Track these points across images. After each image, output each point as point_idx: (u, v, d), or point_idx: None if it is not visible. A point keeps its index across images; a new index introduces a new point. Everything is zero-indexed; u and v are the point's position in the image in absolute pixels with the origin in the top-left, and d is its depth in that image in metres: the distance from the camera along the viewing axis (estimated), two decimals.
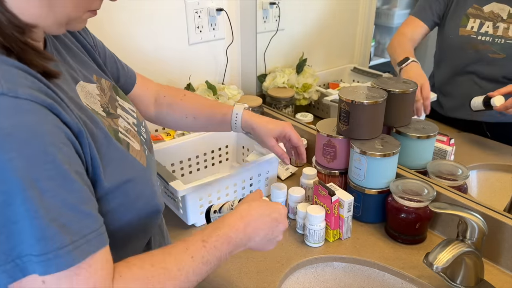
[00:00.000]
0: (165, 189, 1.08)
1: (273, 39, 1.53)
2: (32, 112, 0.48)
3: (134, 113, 0.75)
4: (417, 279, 0.88)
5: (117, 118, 0.67)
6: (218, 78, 1.51)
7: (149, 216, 0.69)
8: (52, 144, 0.49)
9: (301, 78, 1.52)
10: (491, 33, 1.13)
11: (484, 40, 1.14)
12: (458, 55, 1.24)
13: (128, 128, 0.68)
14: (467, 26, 1.17)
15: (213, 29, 1.42)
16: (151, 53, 1.32)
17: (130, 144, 0.65)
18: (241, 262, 0.93)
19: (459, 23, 1.20)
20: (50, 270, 0.47)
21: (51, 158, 0.48)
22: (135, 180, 0.63)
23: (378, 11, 1.57)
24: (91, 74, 0.69)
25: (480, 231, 0.81)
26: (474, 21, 1.16)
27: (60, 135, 0.50)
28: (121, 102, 0.73)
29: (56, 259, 0.47)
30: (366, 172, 1.00)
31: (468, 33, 1.17)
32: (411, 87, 1.06)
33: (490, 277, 0.87)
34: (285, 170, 1.26)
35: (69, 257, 0.48)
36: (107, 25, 1.20)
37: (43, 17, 0.54)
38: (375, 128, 1.04)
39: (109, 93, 0.71)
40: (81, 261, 0.49)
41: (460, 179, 1.02)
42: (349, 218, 0.98)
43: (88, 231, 0.51)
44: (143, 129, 0.75)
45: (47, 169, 0.48)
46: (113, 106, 0.69)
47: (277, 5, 1.50)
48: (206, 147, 1.24)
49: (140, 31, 1.27)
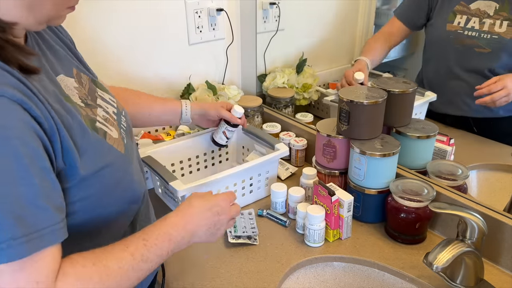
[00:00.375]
0: (165, 189, 1.09)
1: (273, 39, 1.53)
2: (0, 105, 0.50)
3: (114, 103, 0.78)
4: (417, 279, 0.88)
5: (96, 108, 0.69)
6: (218, 78, 1.51)
7: (128, 202, 0.71)
8: (15, 138, 0.50)
9: (301, 78, 1.52)
10: (477, 28, 1.16)
11: (471, 35, 1.17)
12: (445, 50, 1.27)
13: (107, 118, 0.71)
14: (454, 21, 1.21)
15: (213, 29, 1.42)
16: (151, 53, 1.32)
17: (107, 133, 0.67)
18: (241, 262, 0.93)
19: (447, 18, 1.23)
20: (1, 260, 0.49)
21: (11, 151, 0.50)
22: (112, 166, 0.65)
23: (378, 11, 1.57)
24: (71, 69, 0.71)
25: (480, 231, 0.81)
26: (461, 17, 1.19)
27: (26, 130, 0.52)
28: (100, 93, 0.75)
29: (8, 250, 0.49)
30: (366, 172, 1.00)
31: (455, 28, 1.20)
32: (411, 87, 1.06)
33: (490, 277, 0.87)
34: (285, 170, 1.26)
35: (21, 248, 0.50)
36: (107, 25, 1.20)
37: (24, 17, 0.56)
38: (375, 128, 1.04)
39: (88, 85, 0.73)
40: (30, 254, 0.50)
41: (460, 179, 1.02)
42: (349, 218, 0.98)
43: (42, 226, 0.52)
44: (123, 118, 0.78)
45: (5, 162, 0.49)
46: (92, 98, 0.71)
47: (277, 5, 1.51)
48: (206, 147, 1.24)
49: (140, 31, 1.27)
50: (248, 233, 0.99)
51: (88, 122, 0.64)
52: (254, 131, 1.22)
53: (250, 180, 1.10)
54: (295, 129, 1.36)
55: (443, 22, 1.24)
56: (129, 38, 1.26)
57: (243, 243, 0.98)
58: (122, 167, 0.69)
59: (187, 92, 1.38)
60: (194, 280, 0.89)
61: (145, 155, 1.08)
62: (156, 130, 1.39)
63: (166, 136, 1.32)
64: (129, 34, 1.26)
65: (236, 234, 0.99)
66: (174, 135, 1.33)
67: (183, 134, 1.30)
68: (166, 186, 0.99)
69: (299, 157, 1.30)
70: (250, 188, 1.11)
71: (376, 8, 1.58)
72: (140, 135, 1.31)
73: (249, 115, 1.42)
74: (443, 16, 1.24)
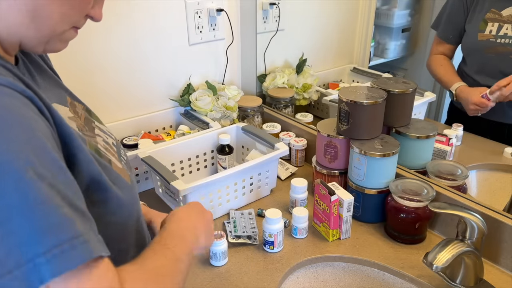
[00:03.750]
0: (166, 189, 1.09)
1: (273, 39, 1.53)
2: (13, 97, 0.44)
3: (112, 135, 0.72)
4: (416, 278, 0.88)
5: (95, 138, 0.63)
6: (218, 78, 1.51)
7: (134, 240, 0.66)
8: (38, 130, 0.44)
9: (301, 78, 1.52)
10: (510, 35, 1.14)
11: (504, 43, 1.15)
12: (480, 59, 1.25)
13: (107, 148, 0.65)
14: (486, 30, 1.18)
15: (213, 29, 1.42)
16: (151, 53, 1.32)
17: (112, 161, 0.62)
18: (241, 262, 0.93)
19: (478, 28, 1.20)
20: (64, 267, 0.40)
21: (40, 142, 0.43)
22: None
23: (378, 12, 1.57)
24: (65, 97, 0.65)
25: (479, 231, 0.81)
26: (492, 25, 1.17)
27: (43, 125, 0.46)
28: (97, 123, 0.70)
29: (71, 251, 0.41)
30: (365, 172, 1.01)
31: (487, 37, 1.18)
32: (410, 87, 1.06)
33: (490, 276, 0.87)
34: (285, 170, 1.27)
35: (86, 248, 0.42)
36: (107, 25, 1.20)
37: (25, 26, 0.49)
38: (375, 128, 1.04)
39: (83, 115, 0.67)
40: (96, 255, 0.43)
41: (460, 179, 1.02)
42: (348, 218, 0.98)
43: (90, 226, 0.46)
44: (122, 151, 0.73)
45: (38, 154, 0.42)
46: (90, 128, 0.65)
47: (277, 5, 1.51)
48: (206, 147, 1.24)
49: (141, 32, 1.28)
50: (248, 233, 0.99)
51: (93, 147, 0.59)
52: (254, 131, 1.22)
53: (250, 180, 1.10)
54: (295, 129, 1.36)
55: (474, 32, 1.21)
56: (129, 38, 1.26)
57: (243, 243, 0.98)
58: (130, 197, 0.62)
59: (187, 92, 1.39)
60: (194, 280, 0.89)
61: (145, 155, 1.08)
62: (156, 130, 1.39)
63: (166, 136, 1.32)
64: (129, 34, 1.26)
65: (236, 234, 0.99)
66: (174, 135, 1.33)
67: (183, 134, 1.30)
68: (167, 186, 0.99)
69: (299, 157, 1.30)
70: (250, 187, 1.12)
71: (376, 8, 1.58)
72: (140, 135, 1.31)
73: (249, 115, 1.42)
74: (475, 26, 1.21)
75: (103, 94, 1.27)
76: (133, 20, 1.25)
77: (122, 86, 1.30)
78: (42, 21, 0.49)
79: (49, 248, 0.40)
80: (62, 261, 0.40)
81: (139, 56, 1.30)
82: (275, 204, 1.13)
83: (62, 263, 0.40)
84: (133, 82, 1.31)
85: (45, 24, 0.50)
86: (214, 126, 1.28)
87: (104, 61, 1.24)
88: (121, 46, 1.25)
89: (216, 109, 1.35)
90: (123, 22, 1.24)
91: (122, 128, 1.30)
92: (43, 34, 0.51)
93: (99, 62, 1.23)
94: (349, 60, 1.70)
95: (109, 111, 1.29)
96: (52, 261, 0.40)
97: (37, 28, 0.50)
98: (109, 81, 1.27)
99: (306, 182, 1.06)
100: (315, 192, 1.00)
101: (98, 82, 1.25)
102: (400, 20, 1.53)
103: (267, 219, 0.94)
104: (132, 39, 1.27)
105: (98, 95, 1.26)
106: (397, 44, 1.56)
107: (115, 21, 1.22)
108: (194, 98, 1.35)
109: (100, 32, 1.20)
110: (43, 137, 0.44)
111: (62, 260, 0.40)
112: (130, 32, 1.26)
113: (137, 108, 1.35)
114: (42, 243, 0.40)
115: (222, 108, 1.35)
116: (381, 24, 1.57)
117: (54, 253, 0.40)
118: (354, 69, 1.65)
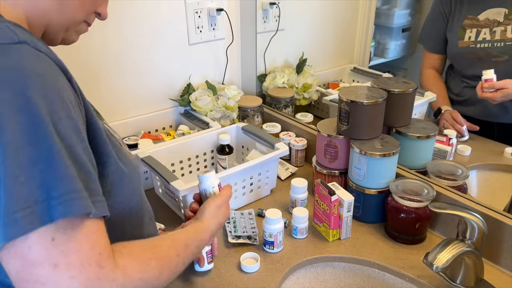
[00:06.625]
0: (166, 189, 1.08)
1: (273, 39, 1.53)
2: (51, 66, 0.51)
3: (117, 134, 0.75)
4: (417, 279, 0.88)
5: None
6: (218, 78, 1.51)
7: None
8: (68, 98, 0.51)
9: (301, 78, 1.52)
10: (489, 39, 1.15)
11: (484, 47, 1.16)
12: (464, 64, 1.26)
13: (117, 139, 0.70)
14: (465, 37, 1.20)
15: (213, 29, 1.42)
16: (151, 53, 1.32)
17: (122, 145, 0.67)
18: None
19: (457, 36, 1.22)
20: (71, 210, 0.47)
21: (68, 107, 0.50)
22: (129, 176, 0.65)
23: (378, 11, 1.57)
24: None
25: (480, 231, 0.81)
26: (470, 31, 1.18)
27: (72, 95, 0.52)
28: (105, 121, 0.73)
29: (79, 200, 0.47)
30: (366, 172, 1.00)
31: (467, 43, 1.19)
32: (411, 87, 1.06)
33: (490, 277, 0.87)
34: (285, 170, 1.27)
35: (87, 203, 0.48)
36: (107, 25, 1.20)
37: (54, 10, 0.56)
38: (375, 128, 1.04)
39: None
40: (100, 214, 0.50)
41: (460, 179, 1.02)
42: (348, 218, 0.98)
43: (98, 192, 0.52)
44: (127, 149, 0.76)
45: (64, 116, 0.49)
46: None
47: (277, 5, 1.51)
48: (206, 147, 1.24)
49: (140, 31, 1.27)
50: (248, 233, 0.99)
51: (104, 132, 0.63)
52: (254, 131, 1.22)
53: (250, 180, 1.10)
54: (295, 129, 1.36)
55: (455, 40, 1.23)
56: (129, 38, 1.26)
57: (243, 243, 0.98)
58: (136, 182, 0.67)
59: (187, 92, 1.38)
60: (194, 280, 0.89)
61: (145, 155, 1.08)
62: (156, 130, 1.39)
63: (166, 136, 1.32)
64: (129, 34, 1.26)
65: (236, 234, 0.99)
66: (174, 135, 1.33)
67: (183, 134, 1.30)
68: (167, 186, 0.99)
69: (299, 157, 1.30)
70: (250, 187, 1.11)
71: (376, 8, 1.58)
72: (140, 135, 1.31)
73: (249, 115, 1.42)
74: (454, 34, 1.23)
75: (103, 94, 1.27)
76: (133, 20, 1.25)
77: (122, 86, 1.30)
78: (67, 5, 0.56)
79: (62, 194, 0.47)
80: (67, 206, 0.47)
81: (139, 56, 1.30)
82: (275, 204, 1.13)
83: (67, 208, 0.47)
84: (132, 82, 1.31)
85: (69, 8, 0.57)
86: (214, 126, 1.28)
87: (103, 61, 1.24)
88: (120, 46, 1.25)
89: (216, 109, 1.35)
90: (122, 22, 1.23)
91: (122, 128, 1.30)
92: (66, 18, 0.58)
93: (99, 62, 1.23)
94: (349, 60, 1.70)
95: (109, 111, 1.29)
96: (63, 204, 0.46)
97: (62, 12, 0.57)
98: (109, 81, 1.27)
99: (306, 182, 1.06)
100: (315, 192, 1.00)
101: (97, 82, 1.25)
102: (400, 20, 1.52)
103: (267, 219, 0.94)
104: (132, 39, 1.27)
105: (98, 95, 1.26)
106: (397, 44, 1.56)
107: (115, 21, 1.22)
108: (194, 98, 1.35)
109: (99, 32, 1.20)
110: (70, 105, 0.51)
111: (67, 206, 0.47)
112: (130, 32, 1.26)
113: (137, 108, 1.35)
114: (57, 189, 0.47)
115: (222, 108, 1.35)
116: (381, 24, 1.57)
117: (65, 198, 0.47)
118: (354, 69, 1.65)
